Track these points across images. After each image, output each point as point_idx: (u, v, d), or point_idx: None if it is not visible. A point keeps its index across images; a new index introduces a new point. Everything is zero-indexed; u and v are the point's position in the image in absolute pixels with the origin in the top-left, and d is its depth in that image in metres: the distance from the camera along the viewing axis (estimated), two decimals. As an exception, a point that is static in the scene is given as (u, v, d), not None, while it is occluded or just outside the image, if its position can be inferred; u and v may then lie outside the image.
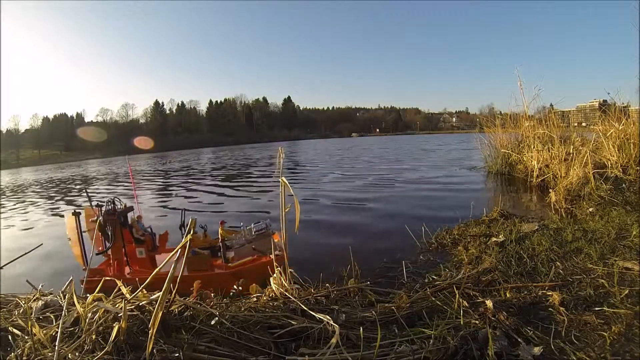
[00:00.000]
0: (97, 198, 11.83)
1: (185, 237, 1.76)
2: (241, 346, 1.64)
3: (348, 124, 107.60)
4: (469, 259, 3.35)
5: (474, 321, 1.83)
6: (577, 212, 4.79)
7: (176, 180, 15.83)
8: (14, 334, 1.69)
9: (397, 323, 1.89)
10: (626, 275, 2.44)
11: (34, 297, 2.09)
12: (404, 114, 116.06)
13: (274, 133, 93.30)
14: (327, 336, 1.66)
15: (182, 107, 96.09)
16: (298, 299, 2.02)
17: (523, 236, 3.74)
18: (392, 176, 11.93)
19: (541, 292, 2.28)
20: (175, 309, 1.82)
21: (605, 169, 6.41)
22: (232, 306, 2.03)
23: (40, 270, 4.61)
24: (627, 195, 5.12)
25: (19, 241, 6.53)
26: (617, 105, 7.80)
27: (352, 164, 18.23)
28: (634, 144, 6.66)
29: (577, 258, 2.89)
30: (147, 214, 6.91)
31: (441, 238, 4.28)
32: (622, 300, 2.06)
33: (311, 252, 4.56)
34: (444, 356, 1.55)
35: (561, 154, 7.36)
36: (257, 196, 9.81)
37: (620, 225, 3.68)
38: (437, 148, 26.88)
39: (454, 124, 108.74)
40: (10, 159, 64.89)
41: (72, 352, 1.48)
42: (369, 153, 25.81)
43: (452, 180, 10.16)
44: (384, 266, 3.75)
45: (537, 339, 1.73)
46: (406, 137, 71.91)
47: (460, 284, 2.37)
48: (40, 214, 9.46)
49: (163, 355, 1.48)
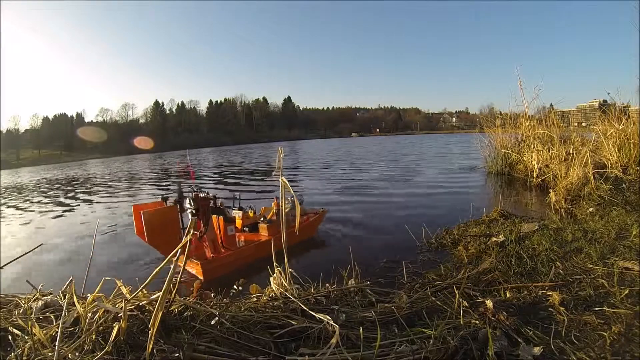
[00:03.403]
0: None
1: (185, 237, 1.76)
2: (241, 346, 1.64)
3: (348, 124, 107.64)
4: (469, 259, 3.35)
5: (474, 321, 1.83)
6: (577, 212, 4.79)
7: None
8: (14, 334, 1.69)
9: (397, 323, 1.89)
10: (626, 275, 2.44)
11: (34, 297, 2.09)
12: (404, 114, 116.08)
13: (274, 133, 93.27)
14: (327, 336, 1.66)
15: (182, 107, 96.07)
16: (298, 299, 2.02)
17: (523, 236, 3.74)
18: (392, 176, 11.93)
19: (541, 292, 2.28)
20: (175, 309, 1.82)
21: (605, 169, 6.41)
22: (232, 306, 2.03)
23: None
24: (627, 195, 5.12)
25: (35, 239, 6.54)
26: (617, 105, 7.82)
27: (352, 164, 18.23)
28: (634, 144, 6.66)
29: (577, 258, 2.89)
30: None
31: (441, 238, 4.28)
32: (622, 300, 2.06)
33: (311, 251, 4.56)
34: (444, 356, 1.54)
35: (561, 154, 7.36)
36: (258, 196, 9.82)
37: (620, 225, 3.68)
38: (437, 148, 26.89)
39: (454, 124, 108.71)
40: (11, 159, 64.88)
41: (72, 352, 1.48)
42: (369, 153, 25.81)
43: (452, 180, 10.16)
44: (384, 266, 3.75)
45: (537, 339, 1.72)
46: (406, 137, 71.92)
47: (460, 284, 2.37)
48: (45, 213, 9.47)
49: (163, 355, 1.48)
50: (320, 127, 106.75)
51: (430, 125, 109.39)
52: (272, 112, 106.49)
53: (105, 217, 8.16)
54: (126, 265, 4.64)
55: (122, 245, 5.64)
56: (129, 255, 5.03)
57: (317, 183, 11.49)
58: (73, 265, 4.71)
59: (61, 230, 7.23)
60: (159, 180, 16.87)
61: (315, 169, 16.54)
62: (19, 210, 10.67)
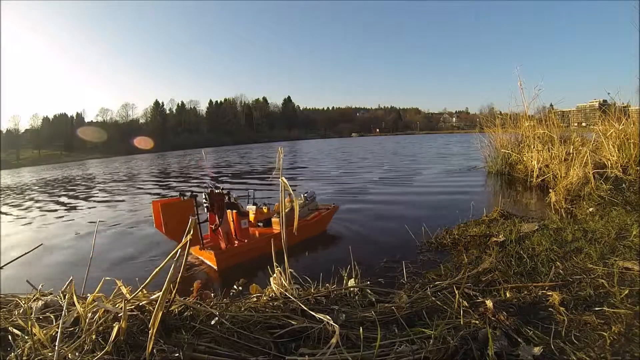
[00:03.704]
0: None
1: (185, 237, 1.76)
2: (241, 346, 1.64)
3: (348, 124, 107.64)
4: (469, 259, 3.35)
5: (474, 321, 1.83)
6: (577, 212, 4.79)
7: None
8: (14, 334, 1.69)
9: (397, 323, 1.89)
10: (626, 275, 2.44)
11: (34, 297, 2.09)
12: (404, 114, 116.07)
13: (274, 133, 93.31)
14: (327, 336, 1.66)
15: (182, 107, 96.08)
16: (298, 299, 2.01)
17: (523, 236, 3.73)
18: (392, 176, 11.93)
19: (541, 292, 2.28)
20: (175, 309, 1.82)
21: (605, 169, 6.41)
22: (232, 306, 2.03)
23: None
24: (627, 195, 5.12)
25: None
26: (617, 105, 7.81)
27: (351, 163, 18.23)
28: (634, 144, 6.66)
29: (577, 258, 2.89)
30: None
31: (441, 238, 4.28)
32: (622, 300, 2.06)
33: (312, 251, 4.56)
34: (444, 356, 1.54)
35: (561, 154, 7.36)
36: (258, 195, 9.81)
37: (620, 225, 3.68)
38: (437, 148, 26.89)
39: (454, 124, 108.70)
40: (11, 159, 64.91)
41: (72, 352, 1.48)
42: (369, 153, 25.81)
43: (452, 180, 10.16)
44: (384, 266, 3.75)
45: (537, 339, 1.72)
46: (406, 137, 71.90)
47: (460, 284, 2.37)
48: (52, 212, 9.47)
49: (163, 355, 1.48)
50: (320, 127, 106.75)
51: (430, 125, 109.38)
52: (272, 112, 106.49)
53: (105, 216, 8.16)
54: (126, 265, 4.64)
55: (122, 245, 5.64)
56: (129, 255, 5.03)
57: (317, 183, 11.49)
58: (73, 265, 4.71)
59: (61, 229, 7.23)
60: (159, 180, 16.87)
61: (316, 169, 16.56)
62: (19, 210, 10.68)
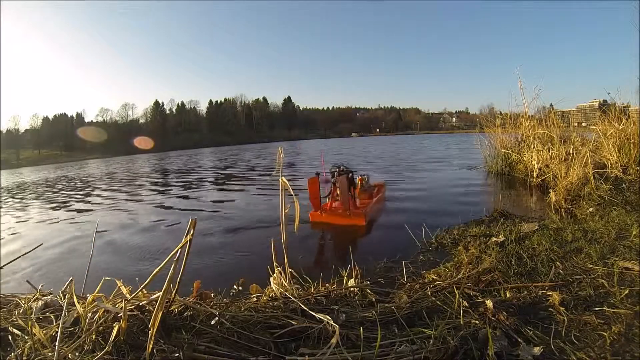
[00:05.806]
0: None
1: (185, 237, 1.76)
2: (241, 346, 1.64)
3: (348, 124, 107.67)
4: (469, 259, 3.34)
5: (474, 321, 1.83)
6: (577, 212, 4.79)
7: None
8: (14, 334, 1.69)
9: (397, 323, 1.89)
10: (626, 275, 2.44)
11: (34, 297, 2.09)
12: (404, 114, 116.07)
13: (274, 133, 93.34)
14: (327, 336, 1.66)
15: (182, 107, 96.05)
16: (298, 299, 2.02)
17: (523, 236, 3.73)
18: (391, 176, 11.93)
19: (541, 292, 2.28)
20: (175, 309, 1.82)
21: (605, 169, 6.40)
22: (232, 306, 2.03)
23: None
24: (627, 195, 5.12)
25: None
26: (617, 105, 7.80)
27: (351, 163, 18.21)
28: (634, 144, 6.66)
29: (577, 258, 2.89)
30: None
31: (441, 238, 4.27)
32: (622, 300, 2.06)
33: (311, 252, 4.56)
34: (444, 356, 1.54)
35: (561, 154, 7.35)
36: (259, 194, 9.81)
37: (620, 225, 3.68)
38: (437, 148, 26.88)
39: (454, 124, 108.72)
40: (11, 159, 64.93)
41: (72, 352, 1.48)
42: (369, 153, 25.81)
43: (452, 180, 10.15)
44: (384, 266, 3.74)
45: (537, 339, 1.72)
46: (406, 136, 71.89)
47: (460, 284, 2.38)
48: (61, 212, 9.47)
49: (163, 355, 1.48)
50: (320, 127, 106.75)
51: (430, 125, 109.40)
52: (272, 112, 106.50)
53: (105, 216, 8.16)
54: (126, 265, 4.64)
55: (122, 244, 5.63)
56: (129, 254, 5.02)
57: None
58: (73, 265, 4.70)
59: (61, 229, 7.22)
60: (159, 180, 16.86)
61: (314, 169, 16.53)
62: (19, 210, 10.67)
